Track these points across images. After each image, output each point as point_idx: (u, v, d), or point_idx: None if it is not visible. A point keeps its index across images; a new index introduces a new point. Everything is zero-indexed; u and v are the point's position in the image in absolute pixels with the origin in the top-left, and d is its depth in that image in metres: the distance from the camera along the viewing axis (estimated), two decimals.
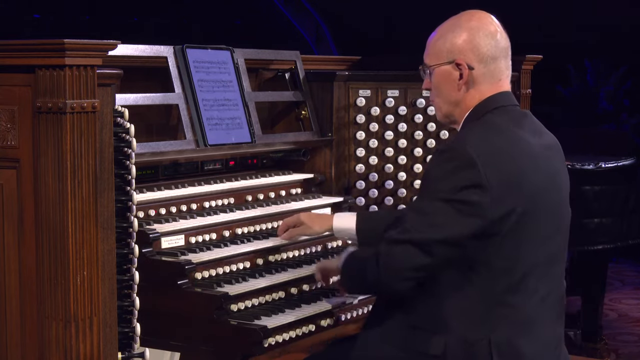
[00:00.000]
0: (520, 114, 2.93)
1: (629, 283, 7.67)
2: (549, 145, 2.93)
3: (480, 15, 2.92)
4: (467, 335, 2.74)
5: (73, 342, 2.51)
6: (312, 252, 3.58)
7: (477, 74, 2.88)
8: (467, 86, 2.89)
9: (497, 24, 2.91)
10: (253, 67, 3.99)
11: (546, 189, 2.82)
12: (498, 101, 2.89)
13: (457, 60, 2.88)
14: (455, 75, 2.89)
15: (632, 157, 5.54)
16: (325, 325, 3.20)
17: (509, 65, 2.94)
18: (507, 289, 2.75)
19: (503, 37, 2.90)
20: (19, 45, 2.53)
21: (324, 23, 9.68)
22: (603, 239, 5.31)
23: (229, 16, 9.34)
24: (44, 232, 2.52)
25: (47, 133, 2.48)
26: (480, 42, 2.86)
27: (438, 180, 2.75)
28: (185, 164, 3.55)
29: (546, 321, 2.84)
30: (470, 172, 2.69)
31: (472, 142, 2.75)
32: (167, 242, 3.20)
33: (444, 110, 2.97)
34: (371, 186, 4.13)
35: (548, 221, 2.82)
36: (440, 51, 2.91)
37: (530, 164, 2.79)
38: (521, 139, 2.82)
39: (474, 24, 2.88)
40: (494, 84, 2.90)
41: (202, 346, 3.02)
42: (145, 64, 3.51)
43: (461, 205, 2.69)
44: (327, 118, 4.09)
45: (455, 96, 2.92)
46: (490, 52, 2.87)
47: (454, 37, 2.89)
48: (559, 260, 2.91)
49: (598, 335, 5.59)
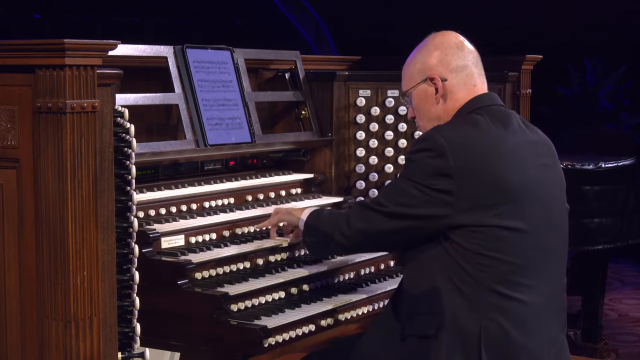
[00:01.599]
0: (503, 113, 2.99)
1: (629, 283, 7.67)
2: (534, 141, 2.98)
3: (445, 33, 3.07)
4: (459, 318, 2.79)
5: (73, 342, 2.51)
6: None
7: (450, 84, 3.00)
8: (444, 98, 3.01)
9: (463, 38, 3.06)
10: (253, 67, 3.99)
11: (533, 185, 2.87)
12: (479, 102, 2.98)
13: (430, 76, 3.02)
14: (431, 91, 3.02)
15: (632, 157, 5.54)
16: (325, 325, 3.20)
17: (482, 73, 3.06)
18: (497, 281, 2.79)
19: (469, 48, 3.04)
20: (19, 45, 2.53)
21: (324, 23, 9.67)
22: (603, 239, 5.31)
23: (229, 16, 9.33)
24: (44, 232, 2.51)
25: (47, 133, 2.48)
26: (448, 55, 3.00)
27: (411, 165, 2.90)
28: (185, 164, 3.55)
29: (544, 318, 2.87)
30: (440, 160, 2.81)
31: (445, 132, 2.86)
32: (167, 242, 3.20)
33: (428, 128, 3.03)
34: (371, 186, 4.14)
35: (534, 215, 2.86)
36: (413, 74, 3.06)
37: (508, 159, 2.85)
38: (500, 133, 2.89)
39: (439, 40, 3.04)
40: (469, 90, 3.01)
41: (202, 346, 3.02)
42: (145, 64, 3.51)
43: (429, 191, 2.82)
44: (327, 118, 4.09)
45: (435, 111, 3.03)
46: (459, 62, 3.00)
47: (423, 57, 3.04)
48: (555, 256, 2.94)
49: (598, 335, 5.59)
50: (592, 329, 5.57)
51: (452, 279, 2.81)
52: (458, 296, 2.80)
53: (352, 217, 3.02)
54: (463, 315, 2.79)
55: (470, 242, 2.79)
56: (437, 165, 2.81)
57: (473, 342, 2.77)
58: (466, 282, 2.79)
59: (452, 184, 2.79)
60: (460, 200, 2.79)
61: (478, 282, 2.79)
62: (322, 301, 3.27)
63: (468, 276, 2.79)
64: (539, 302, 2.85)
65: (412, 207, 2.85)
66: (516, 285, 2.81)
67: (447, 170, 2.80)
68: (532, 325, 2.83)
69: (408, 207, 2.86)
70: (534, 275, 2.85)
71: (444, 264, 2.83)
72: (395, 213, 2.89)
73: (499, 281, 2.79)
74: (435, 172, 2.81)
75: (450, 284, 2.81)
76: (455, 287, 2.80)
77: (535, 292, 2.84)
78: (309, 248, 3.32)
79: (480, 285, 2.79)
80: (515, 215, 2.81)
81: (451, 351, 2.78)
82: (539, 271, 2.86)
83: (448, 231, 2.82)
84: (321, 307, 3.22)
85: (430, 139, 2.85)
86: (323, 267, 3.45)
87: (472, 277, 2.79)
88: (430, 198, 2.82)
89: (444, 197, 2.80)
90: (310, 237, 3.22)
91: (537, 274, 2.86)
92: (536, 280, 2.85)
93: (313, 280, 3.39)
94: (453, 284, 2.80)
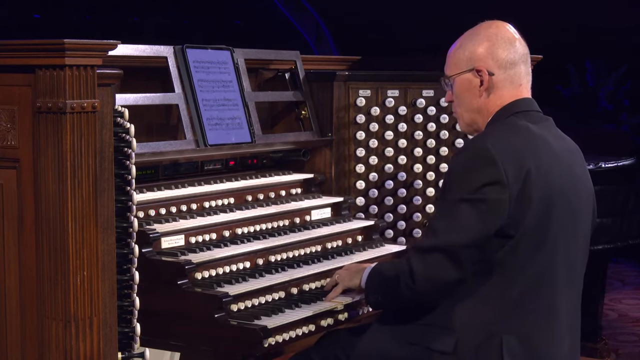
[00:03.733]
0: (542, 119, 2.95)
1: (629, 283, 7.66)
2: (570, 149, 2.95)
3: (498, 23, 2.98)
4: (479, 334, 2.75)
5: (73, 342, 2.51)
6: (312, 252, 3.58)
7: (497, 79, 2.91)
8: (487, 92, 2.93)
9: (514, 31, 2.97)
10: (253, 67, 3.99)
11: (565, 191, 2.83)
12: (520, 106, 2.92)
13: (477, 67, 2.92)
14: (475, 82, 2.93)
15: (632, 157, 5.53)
16: (325, 325, 3.20)
17: (529, 72, 2.98)
18: (523, 291, 2.75)
19: (521, 44, 2.95)
20: (19, 45, 2.53)
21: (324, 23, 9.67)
22: (603, 239, 5.30)
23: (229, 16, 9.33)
24: (44, 232, 2.51)
25: (47, 133, 2.48)
26: (499, 49, 2.91)
27: (458, 178, 2.77)
28: (185, 164, 3.56)
29: (562, 327, 2.83)
30: (490, 169, 2.71)
31: (491, 139, 2.78)
32: (167, 242, 3.20)
33: (466, 118, 3.00)
34: (371, 186, 4.13)
35: (566, 223, 2.82)
36: (460, 60, 2.96)
37: (549, 163, 2.80)
38: (542, 139, 2.84)
39: (492, 31, 2.94)
40: (515, 89, 2.93)
41: (202, 346, 3.02)
42: (145, 64, 3.51)
43: (482, 204, 2.71)
44: (327, 118, 4.09)
45: (476, 103, 2.95)
46: (509, 58, 2.91)
47: (473, 45, 2.94)
48: (579, 266, 2.90)
49: (598, 335, 5.58)
50: (592, 329, 5.57)
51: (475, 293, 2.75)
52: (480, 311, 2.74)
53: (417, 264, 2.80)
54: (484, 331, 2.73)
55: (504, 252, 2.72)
56: (489, 174, 2.70)
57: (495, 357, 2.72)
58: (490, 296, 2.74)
59: (503, 193, 2.69)
60: (511, 208, 2.70)
61: (503, 295, 2.73)
62: (322, 301, 3.27)
63: (493, 290, 2.73)
64: (559, 311, 2.81)
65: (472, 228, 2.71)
66: (539, 297, 2.76)
67: (498, 179, 2.70)
68: (551, 333, 2.79)
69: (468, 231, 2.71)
70: (557, 286, 2.80)
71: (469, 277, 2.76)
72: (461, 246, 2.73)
73: (524, 294, 2.74)
74: (486, 182, 2.70)
75: (473, 298, 2.75)
76: (478, 302, 2.74)
77: (556, 302, 2.80)
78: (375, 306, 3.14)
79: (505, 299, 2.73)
80: (549, 223, 2.76)
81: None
82: (563, 280, 2.82)
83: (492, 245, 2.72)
84: (321, 307, 3.22)
85: (478, 148, 2.76)
86: (323, 267, 3.44)
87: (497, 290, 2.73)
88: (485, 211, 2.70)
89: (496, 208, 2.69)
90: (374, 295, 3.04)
91: (561, 282, 2.82)
92: (559, 288, 2.81)
93: (313, 280, 3.39)
94: (476, 299, 2.74)
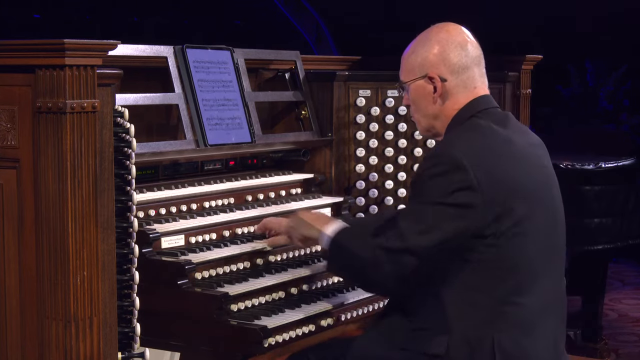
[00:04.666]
0: (502, 115, 2.95)
1: (629, 283, 7.67)
2: (534, 143, 2.96)
3: (449, 27, 2.96)
4: (470, 334, 2.75)
5: (73, 342, 2.51)
6: (312, 252, 3.58)
7: (450, 85, 2.92)
8: (442, 98, 2.93)
9: (467, 34, 2.96)
10: (253, 67, 3.99)
11: (540, 186, 2.85)
12: (479, 105, 2.92)
13: (430, 74, 2.92)
14: (429, 88, 2.93)
15: (632, 157, 5.54)
16: (325, 325, 3.20)
17: (483, 73, 2.98)
18: (511, 289, 2.75)
19: (474, 46, 2.94)
20: (19, 45, 2.53)
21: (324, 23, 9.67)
22: (603, 239, 5.31)
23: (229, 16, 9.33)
24: (44, 232, 2.51)
25: (47, 133, 2.48)
26: (451, 54, 2.90)
27: (428, 185, 2.76)
28: (185, 164, 3.55)
29: (549, 320, 2.85)
30: (460, 174, 2.71)
31: (457, 145, 2.78)
32: (167, 242, 3.20)
33: (423, 124, 3.01)
34: (371, 186, 4.13)
35: (546, 218, 2.84)
36: (413, 67, 2.96)
37: (518, 162, 2.81)
38: (506, 138, 2.85)
39: (443, 36, 2.93)
40: (469, 92, 2.93)
41: (202, 346, 3.02)
42: (145, 64, 3.51)
43: (453, 209, 2.71)
44: (327, 118, 4.09)
45: (432, 109, 2.96)
46: (461, 62, 2.91)
47: (424, 51, 2.93)
48: (560, 257, 2.92)
49: (598, 335, 5.59)
50: (592, 329, 5.57)
51: (463, 294, 2.75)
52: (470, 312, 2.74)
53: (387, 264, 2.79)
54: (475, 331, 2.73)
55: (486, 250, 2.72)
56: (458, 180, 2.70)
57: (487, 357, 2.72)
58: (478, 296, 2.74)
59: (475, 197, 2.70)
60: (483, 211, 2.70)
61: (491, 294, 2.74)
62: (322, 301, 3.27)
63: (481, 290, 2.73)
64: (545, 305, 2.82)
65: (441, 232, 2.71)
66: (526, 292, 2.77)
67: (469, 184, 2.70)
68: (539, 328, 2.80)
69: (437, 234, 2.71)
70: (542, 279, 2.81)
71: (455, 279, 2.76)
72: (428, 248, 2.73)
73: (512, 291, 2.74)
74: (456, 187, 2.70)
75: (461, 299, 2.75)
76: (467, 303, 2.75)
77: (542, 295, 2.81)
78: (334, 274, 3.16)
79: (493, 298, 2.74)
80: (530, 218, 2.77)
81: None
82: (547, 273, 2.83)
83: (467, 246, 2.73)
84: (321, 307, 3.22)
85: (445, 155, 2.75)
86: (323, 267, 3.44)
87: (485, 290, 2.73)
88: (456, 215, 2.70)
89: (468, 212, 2.70)
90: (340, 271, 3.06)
91: (545, 276, 2.82)
92: (544, 284, 2.82)
93: (313, 280, 3.39)
94: (464, 300, 2.75)
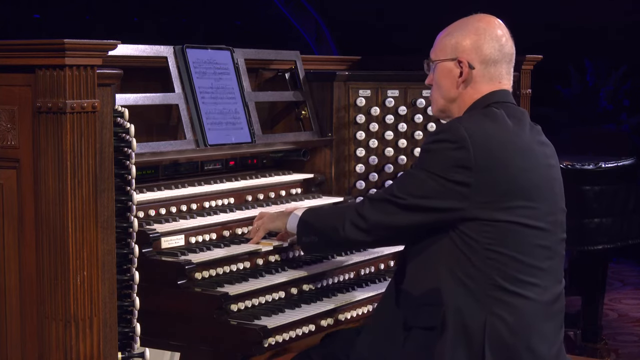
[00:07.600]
0: (518, 111, 2.99)
1: (629, 283, 7.66)
2: (544, 142, 2.99)
3: (490, 19, 3.00)
4: (464, 314, 2.78)
5: (73, 342, 2.51)
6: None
7: (477, 74, 2.95)
8: (465, 84, 2.97)
9: (505, 30, 2.99)
10: (253, 67, 3.99)
11: (542, 182, 2.88)
12: (498, 97, 2.96)
13: (460, 58, 2.95)
14: (456, 72, 2.97)
15: (632, 157, 5.54)
16: (325, 325, 3.20)
17: (511, 71, 3.01)
18: (505, 276, 2.78)
19: (508, 43, 2.98)
20: (19, 45, 2.53)
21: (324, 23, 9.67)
22: (603, 239, 5.31)
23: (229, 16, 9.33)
24: (44, 232, 2.51)
25: (47, 133, 2.48)
26: (485, 44, 2.94)
27: (429, 155, 2.85)
28: (185, 164, 3.55)
29: (544, 315, 2.87)
30: (460, 152, 2.78)
31: (467, 124, 2.83)
32: (167, 242, 3.19)
33: (439, 104, 3.04)
34: (371, 186, 4.13)
35: (544, 214, 2.86)
36: (446, 47, 2.99)
37: (524, 154, 2.85)
38: (516, 131, 2.88)
39: (482, 25, 2.96)
40: (493, 84, 2.97)
41: (202, 346, 3.02)
42: (145, 64, 3.51)
43: (445, 182, 2.79)
44: (327, 118, 4.09)
45: (453, 93, 2.99)
46: (493, 55, 2.95)
47: (460, 35, 2.97)
48: (559, 256, 2.94)
49: (598, 335, 5.59)
50: (592, 329, 5.57)
51: (458, 272, 2.79)
52: (463, 290, 2.78)
53: (366, 210, 2.95)
54: (468, 310, 2.78)
55: (480, 235, 2.78)
56: (458, 157, 2.77)
57: (477, 339, 2.77)
58: (472, 276, 2.78)
59: (470, 177, 2.76)
60: (477, 193, 2.77)
61: (485, 276, 2.78)
62: (322, 301, 3.27)
63: (475, 270, 2.78)
64: (542, 301, 2.85)
65: (430, 199, 2.81)
66: (522, 283, 2.80)
67: (467, 163, 2.77)
68: (536, 324, 2.83)
69: (425, 199, 2.82)
70: (540, 274, 2.84)
71: (451, 257, 2.81)
72: (412, 206, 2.84)
73: (506, 277, 2.78)
74: (455, 163, 2.78)
75: (456, 277, 2.79)
76: (461, 281, 2.79)
77: (540, 291, 2.84)
78: (307, 248, 3.27)
79: (487, 280, 2.78)
80: (528, 212, 2.81)
81: (455, 347, 2.77)
82: (545, 270, 2.86)
83: (459, 224, 2.79)
84: (321, 307, 3.22)
85: (452, 130, 2.82)
86: (323, 267, 3.45)
87: (479, 271, 2.78)
88: (448, 190, 2.79)
89: (461, 190, 2.77)
90: (309, 236, 3.18)
91: (543, 272, 2.85)
92: (541, 279, 2.85)
93: (313, 280, 3.39)
94: (459, 278, 2.79)
